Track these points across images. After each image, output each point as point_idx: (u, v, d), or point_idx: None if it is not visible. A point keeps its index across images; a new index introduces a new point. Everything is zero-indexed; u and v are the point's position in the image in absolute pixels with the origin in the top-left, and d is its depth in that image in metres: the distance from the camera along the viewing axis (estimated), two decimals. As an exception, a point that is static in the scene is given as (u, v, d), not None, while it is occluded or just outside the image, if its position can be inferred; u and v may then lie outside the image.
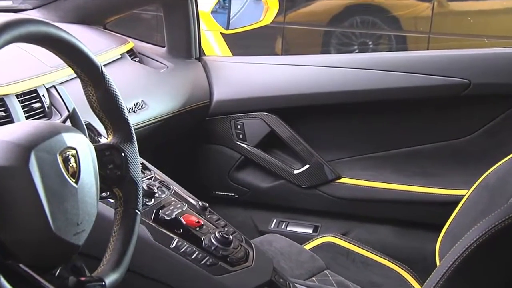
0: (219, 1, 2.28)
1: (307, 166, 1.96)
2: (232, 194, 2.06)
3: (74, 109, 1.11)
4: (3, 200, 0.74)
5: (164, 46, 2.02)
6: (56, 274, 0.82)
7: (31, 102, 1.27)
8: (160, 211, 1.24)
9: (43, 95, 1.30)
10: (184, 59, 2.02)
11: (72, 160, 0.82)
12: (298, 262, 1.53)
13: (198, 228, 1.25)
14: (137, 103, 1.63)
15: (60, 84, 1.36)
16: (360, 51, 4.97)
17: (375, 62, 1.93)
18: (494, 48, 1.98)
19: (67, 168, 0.80)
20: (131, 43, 1.85)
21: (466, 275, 0.90)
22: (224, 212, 1.56)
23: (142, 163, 1.36)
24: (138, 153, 1.00)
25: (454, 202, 1.39)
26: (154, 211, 1.23)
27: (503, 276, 0.91)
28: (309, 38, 5.30)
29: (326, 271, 1.52)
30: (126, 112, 0.98)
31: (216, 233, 1.24)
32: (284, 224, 2.02)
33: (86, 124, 1.16)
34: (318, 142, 1.98)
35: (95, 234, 0.86)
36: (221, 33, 2.37)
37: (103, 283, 0.86)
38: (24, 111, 1.22)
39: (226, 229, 1.31)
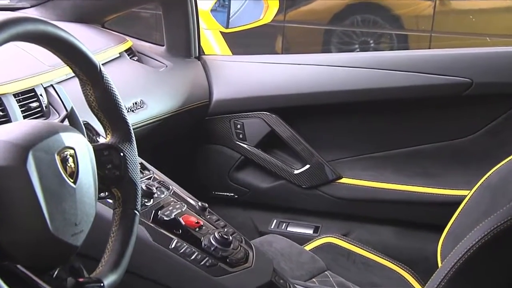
0: (218, -1, 2.28)
1: (308, 166, 1.96)
2: (232, 194, 2.06)
3: (72, 108, 1.11)
4: (0, 200, 0.74)
5: (163, 45, 2.02)
6: (54, 275, 0.82)
7: (28, 101, 1.27)
8: (159, 212, 1.24)
9: (41, 94, 1.30)
10: (184, 58, 2.02)
11: (70, 160, 0.82)
12: (298, 263, 1.52)
13: (197, 229, 1.25)
14: (136, 103, 1.63)
15: (58, 83, 1.36)
16: (361, 50, 4.96)
17: (376, 61, 1.93)
18: (496, 47, 1.98)
19: (65, 168, 0.80)
20: (130, 42, 1.85)
21: (468, 276, 0.90)
22: (224, 212, 1.56)
23: (141, 163, 1.36)
24: (137, 153, 1.00)
25: (455, 202, 1.38)
26: (153, 211, 1.23)
27: (505, 277, 0.91)
28: (309, 37, 5.30)
29: (326, 272, 1.52)
30: (125, 111, 0.98)
31: (216, 233, 1.24)
32: (284, 224, 2.02)
33: (84, 124, 1.16)
34: (318, 142, 1.98)
35: (94, 235, 0.86)
36: (220, 32, 2.37)
37: (102, 284, 0.86)
38: (21, 111, 1.22)
39: (225, 229, 1.31)
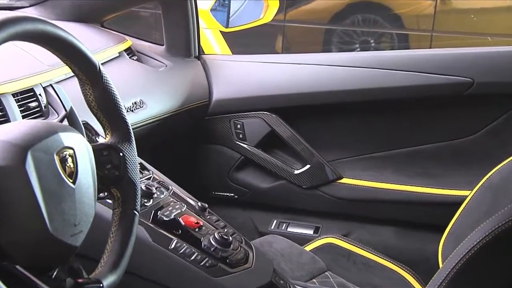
0: (218, -1, 2.28)
1: (308, 166, 1.96)
2: (232, 194, 2.06)
3: (71, 108, 1.11)
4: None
5: (162, 45, 2.02)
6: (53, 276, 0.82)
7: (27, 101, 1.27)
8: (159, 212, 1.24)
9: (40, 94, 1.30)
10: (183, 57, 2.02)
11: (69, 160, 0.82)
12: (298, 264, 1.52)
13: (197, 229, 1.25)
14: (135, 102, 1.63)
15: (57, 83, 1.36)
16: (361, 50, 4.96)
17: (376, 60, 1.93)
18: (498, 46, 1.98)
19: (64, 168, 0.80)
20: (129, 42, 1.85)
21: (469, 277, 0.90)
22: (224, 213, 1.56)
23: (141, 163, 1.36)
24: (136, 153, 1.00)
25: (456, 202, 1.38)
26: (153, 211, 1.23)
27: (507, 278, 0.91)
28: (310, 36, 5.30)
29: (327, 273, 1.52)
30: (124, 111, 0.98)
31: (216, 234, 1.24)
32: (284, 225, 2.02)
33: (83, 124, 1.16)
34: (318, 142, 1.98)
35: (93, 235, 0.86)
36: (220, 31, 2.36)
37: (101, 285, 0.86)
38: (20, 110, 1.22)
39: (225, 230, 1.31)
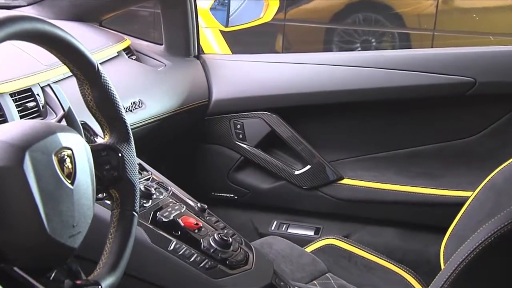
0: (218, -2, 2.28)
1: (308, 167, 1.96)
2: (232, 195, 2.06)
3: (69, 108, 1.10)
4: (-3, 201, 0.74)
5: (161, 44, 2.02)
6: (51, 278, 0.82)
7: (25, 101, 1.27)
8: (158, 213, 1.24)
9: (37, 94, 1.30)
10: (183, 57, 2.02)
11: (67, 160, 0.82)
12: (299, 265, 1.52)
13: (196, 230, 1.25)
14: (134, 102, 1.63)
15: (55, 82, 1.36)
16: (362, 49, 4.96)
17: (378, 60, 1.93)
18: (500, 46, 1.98)
19: (62, 169, 0.80)
20: (128, 41, 1.85)
21: (471, 279, 0.90)
22: (224, 213, 1.56)
23: (139, 164, 1.36)
24: (135, 153, 1.00)
25: (459, 203, 1.38)
26: (152, 212, 1.23)
27: (510, 280, 0.90)
28: (310, 35, 5.30)
29: (327, 274, 1.51)
30: (123, 111, 0.98)
31: (215, 235, 1.24)
32: (284, 226, 2.02)
33: (82, 124, 1.16)
34: (319, 142, 1.98)
35: (91, 236, 0.86)
36: (220, 30, 2.37)
37: (99, 287, 0.86)
38: (18, 111, 1.22)
39: (225, 231, 1.31)
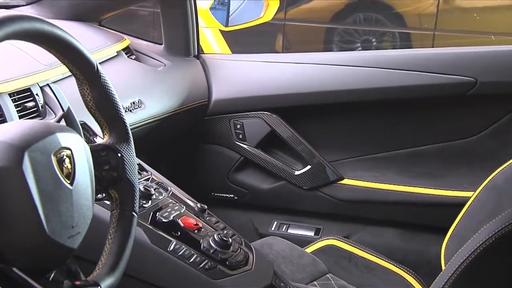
0: (218, -3, 2.28)
1: (309, 167, 1.96)
2: (232, 195, 2.06)
3: (68, 108, 1.10)
4: (-4, 202, 0.74)
5: (161, 44, 2.02)
6: (50, 278, 0.82)
7: (24, 101, 1.27)
8: (158, 213, 1.24)
9: (36, 94, 1.30)
10: (182, 57, 2.02)
11: (66, 160, 0.82)
12: (299, 266, 1.52)
13: (196, 231, 1.25)
14: (133, 102, 1.63)
15: (54, 82, 1.36)
16: (363, 49, 4.96)
17: (378, 60, 1.93)
18: (501, 45, 1.98)
19: (61, 169, 0.80)
20: (128, 41, 1.85)
21: (472, 279, 0.90)
22: (223, 214, 1.56)
23: (139, 164, 1.36)
24: (134, 153, 1.00)
25: (459, 203, 1.38)
26: (151, 213, 1.23)
27: (511, 280, 0.90)
28: (310, 35, 5.30)
29: (328, 275, 1.51)
30: (123, 111, 0.98)
31: (215, 235, 1.24)
32: (285, 226, 2.02)
33: (81, 124, 1.16)
34: (319, 142, 1.98)
35: (91, 237, 0.86)
36: (220, 30, 2.37)
37: (99, 287, 0.86)
38: (17, 111, 1.22)
39: (225, 231, 1.31)
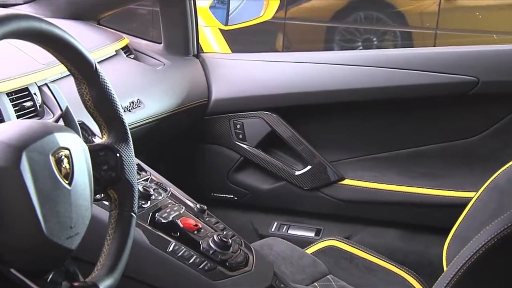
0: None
1: (309, 167, 1.96)
2: (231, 196, 2.06)
3: (67, 108, 1.10)
4: (-7, 202, 0.74)
5: (160, 43, 2.02)
6: (48, 279, 0.82)
7: (22, 100, 1.27)
8: (157, 214, 1.24)
9: (34, 93, 1.30)
10: (182, 56, 2.02)
11: (65, 161, 0.82)
12: (299, 267, 1.52)
13: (196, 232, 1.25)
14: (132, 102, 1.63)
15: (52, 82, 1.36)
16: (364, 48, 4.96)
17: (379, 59, 1.93)
18: (503, 44, 1.98)
19: (60, 169, 0.80)
20: (126, 40, 1.85)
21: (474, 281, 0.90)
22: (223, 215, 1.56)
23: (138, 164, 1.36)
24: (133, 153, 1.00)
25: (461, 204, 1.38)
26: (151, 213, 1.23)
27: (513, 281, 0.90)
28: (311, 34, 5.30)
29: (328, 276, 1.51)
30: (121, 111, 0.98)
31: (215, 236, 1.24)
32: (285, 227, 2.02)
33: (79, 124, 1.16)
34: (320, 142, 1.98)
35: (89, 238, 0.86)
36: (219, 29, 2.37)
37: (97, 289, 0.86)
38: (15, 110, 1.22)
39: (225, 232, 1.31)
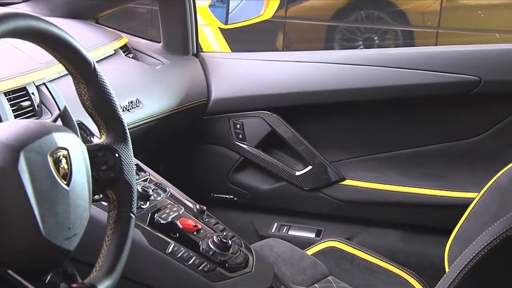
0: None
1: (310, 168, 1.96)
2: (231, 196, 2.06)
3: (65, 107, 1.11)
4: (-9, 203, 0.74)
5: (159, 42, 2.02)
6: (46, 281, 0.82)
7: (20, 100, 1.27)
8: (156, 215, 1.24)
9: (32, 93, 1.30)
10: (181, 55, 2.02)
11: (63, 161, 0.81)
12: (300, 268, 1.52)
13: (195, 233, 1.25)
14: (131, 102, 1.63)
15: (50, 81, 1.36)
16: (365, 47, 4.96)
17: (380, 58, 1.93)
18: (506, 44, 1.98)
19: (58, 170, 0.80)
20: (125, 39, 1.85)
21: (476, 282, 0.90)
22: (223, 215, 1.56)
23: (137, 164, 1.36)
24: (132, 153, 1.00)
25: (463, 205, 1.38)
26: (150, 214, 1.23)
27: (516, 283, 0.90)
28: (311, 33, 5.30)
29: (329, 278, 1.51)
30: (120, 110, 0.98)
31: (214, 237, 1.24)
32: (285, 228, 2.02)
33: (78, 124, 1.16)
34: (320, 142, 1.98)
35: (88, 239, 0.86)
36: (219, 28, 2.37)
37: (96, 290, 0.86)
38: (12, 110, 1.22)
39: (224, 233, 1.31)
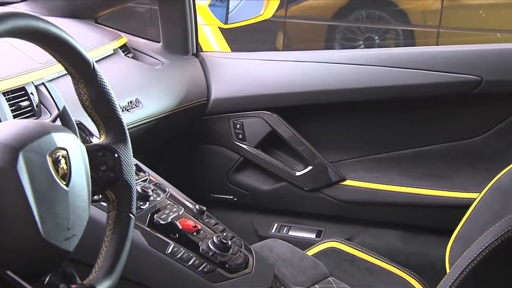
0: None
1: (310, 168, 1.96)
2: (231, 197, 2.06)
3: (64, 107, 1.11)
4: (-10, 203, 0.74)
5: (159, 41, 2.02)
6: (45, 282, 0.82)
7: (19, 100, 1.27)
8: (155, 215, 1.24)
9: (31, 93, 1.30)
10: (181, 55, 2.02)
11: (62, 161, 0.81)
12: (300, 269, 1.52)
13: (195, 233, 1.25)
14: (131, 101, 1.63)
15: (49, 81, 1.36)
16: (365, 47, 4.96)
17: (381, 58, 1.93)
18: (507, 43, 1.98)
19: (57, 170, 0.80)
20: (125, 38, 1.85)
21: (478, 283, 0.90)
22: (223, 216, 1.56)
23: (136, 165, 1.36)
24: (132, 154, 1.00)
25: (464, 205, 1.38)
26: (149, 215, 1.23)
27: (517, 283, 0.90)
28: (312, 33, 5.30)
29: (329, 278, 1.51)
30: (119, 110, 0.98)
31: (214, 238, 1.24)
32: (285, 228, 2.02)
33: (77, 124, 1.16)
34: (321, 142, 1.98)
35: (87, 239, 0.86)
36: (219, 27, 2.37)
37: (95, 291, 0.86)
38: (11, 110, 1.22)
39: (224, 234, 1.32)
